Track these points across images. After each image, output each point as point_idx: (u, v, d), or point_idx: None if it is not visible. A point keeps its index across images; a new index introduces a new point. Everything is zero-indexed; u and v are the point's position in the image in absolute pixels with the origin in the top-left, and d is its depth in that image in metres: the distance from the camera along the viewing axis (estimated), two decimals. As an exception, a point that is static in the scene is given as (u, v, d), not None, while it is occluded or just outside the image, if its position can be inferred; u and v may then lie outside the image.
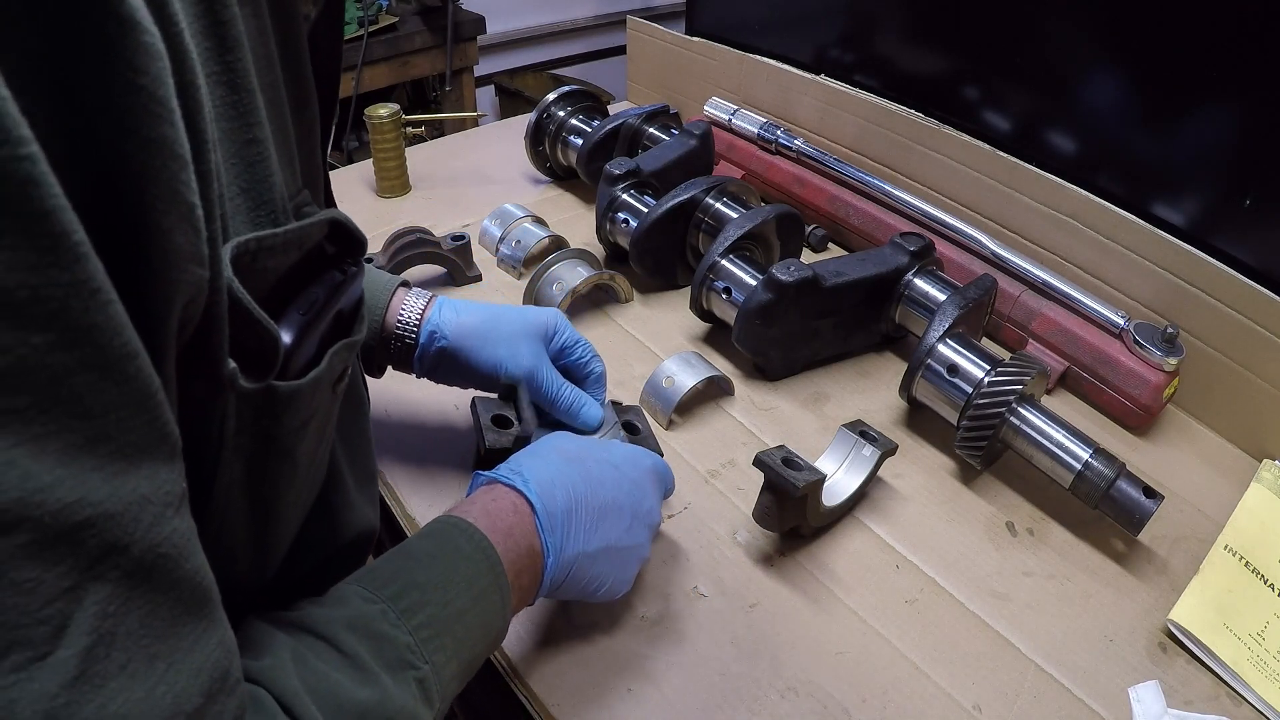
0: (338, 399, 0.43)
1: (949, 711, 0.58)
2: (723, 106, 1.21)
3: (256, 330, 0.33)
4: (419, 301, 0.70)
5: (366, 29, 2.08)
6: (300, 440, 0.39)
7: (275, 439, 0.37)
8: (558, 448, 0.58)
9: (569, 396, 0.71)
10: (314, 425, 0.40)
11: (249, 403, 0.34)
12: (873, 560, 0.69)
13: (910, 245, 0.86)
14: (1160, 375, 0.80)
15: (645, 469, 0.61)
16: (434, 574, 0.46)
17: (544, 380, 0.70)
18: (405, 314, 0.69)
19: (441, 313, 0.70)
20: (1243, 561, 0.69)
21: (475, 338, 0.69)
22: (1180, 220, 0.87)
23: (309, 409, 0.38)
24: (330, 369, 0.38)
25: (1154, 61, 0.87)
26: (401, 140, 1.17)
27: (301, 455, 0.40)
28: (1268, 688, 0.60)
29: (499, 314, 0.71)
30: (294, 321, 0.36)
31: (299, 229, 0.35)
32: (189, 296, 0.28)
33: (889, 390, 0.85)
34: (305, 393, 0.37)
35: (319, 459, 0.44)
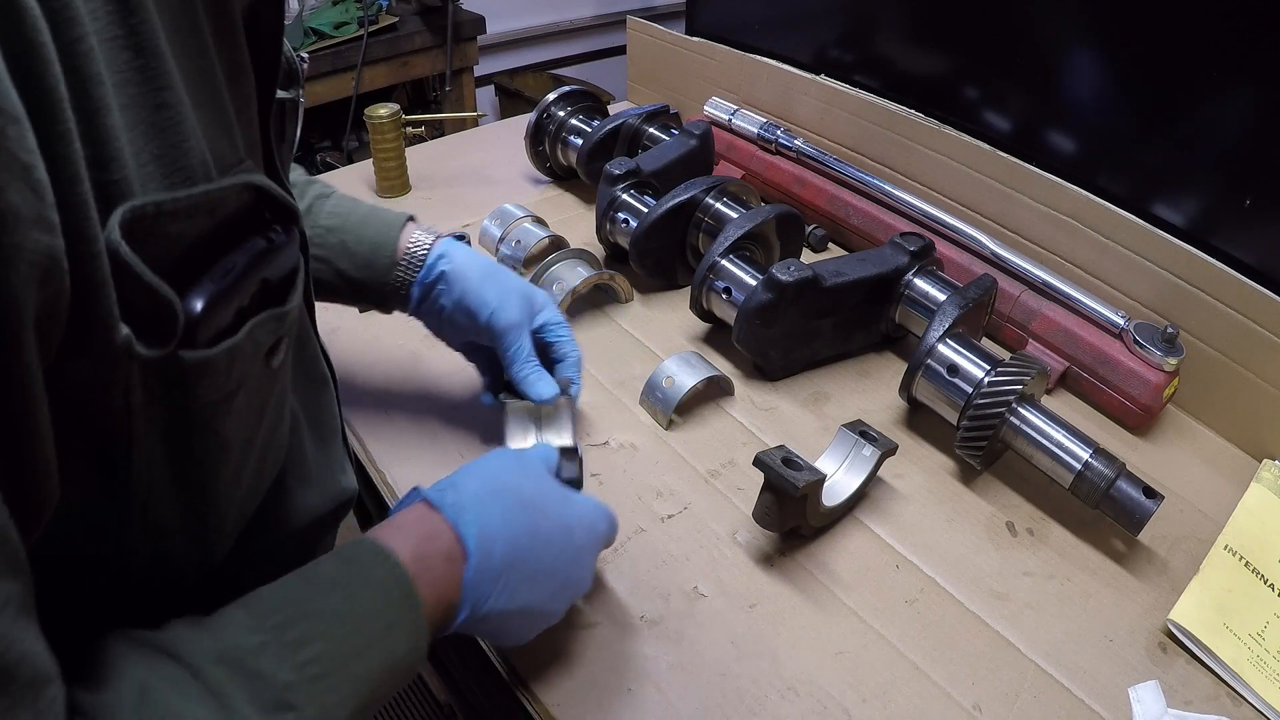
0: (276, 376, 0.40)
1: (949, 711, 0.58)
2: (723, 106, 1.21)
3: (149, 295, 0.31)
4: (429, 237, 0.72)
5: (366, 29, 2.08)
6: (224, 416, 0.37)
7: (192, 413, 0.35)
8: (516, 487, 0.53)
9: (530, 367, 0.70)
10: (242, 401, 0.38)
11: (154, 373, 0.33)
12: (873, 560, 0.69)
13: (910, 245, 0.86)
14: (1160, 375, 0.80)
15: (596, 535, 0.57)
16: (333, 603, 0.41)
17: (519, 339, 0.70)
18: (417, 242, 0.71)
19: (451, 246, 0.72)
20: (1243, 561, 0.69)
21: (475, 276, 0.70)
22: (1180, 220, 0.87)
23: (228, 381, 0.36)
24: (253, 340, 0.36)
25: (1154, 61, 0.87)
26: (401, 140, 1.17)
27: (232, 433, 0.38)
28: (1268, 688, 0.60)
29: (500, 267, 0.73)
30: (205, 289, 0.34)
31: (205, 192, 0.33)
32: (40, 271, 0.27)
33: (889, 390, 0.85)
34: (219, 363, 0.35)
35: (263, 439, 0.42)
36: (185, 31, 0.34)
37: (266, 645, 0.38)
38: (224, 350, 0.35)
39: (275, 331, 0.38)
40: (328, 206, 0.72)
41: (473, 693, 0.77)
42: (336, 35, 2.08)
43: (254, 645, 0.38)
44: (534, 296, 0.73)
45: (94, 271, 0.29)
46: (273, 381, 0.41)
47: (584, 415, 0.82)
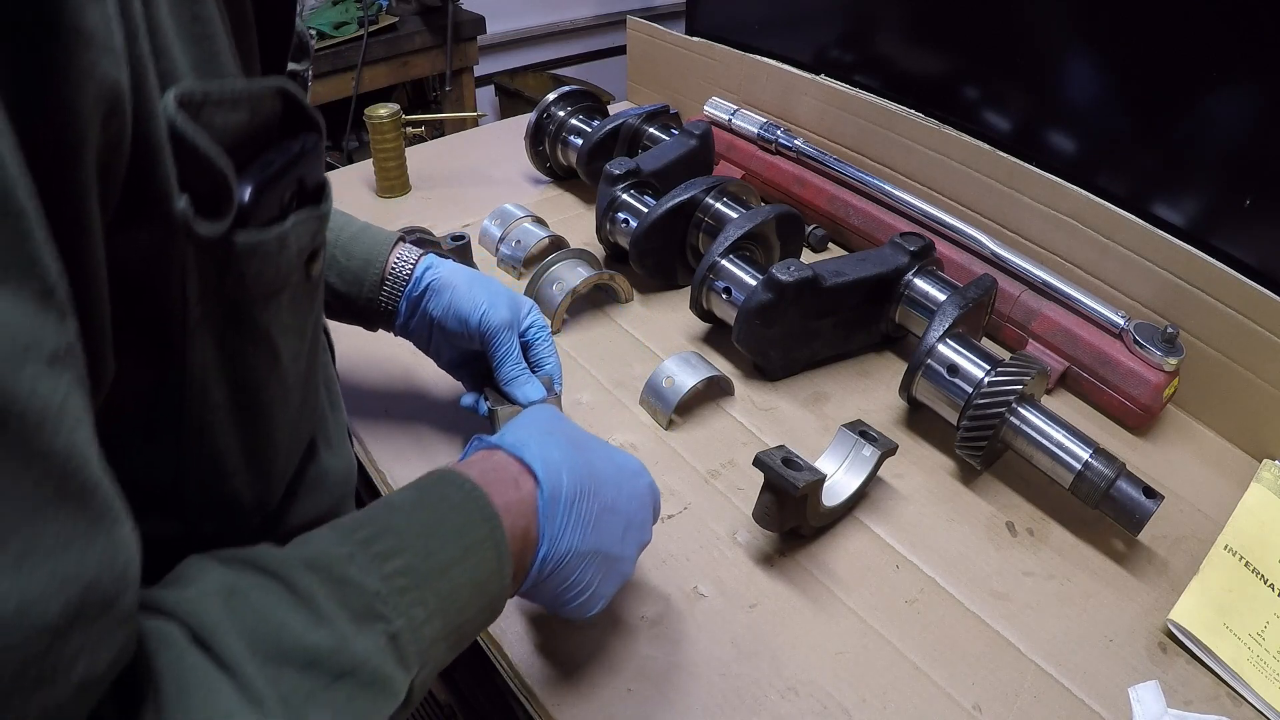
0: (316, 288, 0.41)
1: (949, 711, 0.58)
2: (723, 106, 1.21)
3: (206, 169, 0.31)
4: (414, 253, 0.73)
5: (366, 29, 2.08)
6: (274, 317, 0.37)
7: (246, 312, 0.35)
8: (560, 429, 0.53)
9: (519, 369, 0.71)
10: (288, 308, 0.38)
11: (209, 256, 0.32)
12: (873, 560, 0.69)
13: (910, 245, 0.86)
14: (1160, 375, 0.80)
15: (645, 484, 0.57)
16: (415, 521, 0.41)
17: (508, 340, 0.70)
18: (402, 259, 0.71)
19: (437, 259, 0.73)
20: (1243, 561, 0.69)
21: (463, 283, 0.71)
22: (1180, 220, 0.87)
23: (276, 275, 0.36)
24: (296, 235, 0.36)
25: (1154, 61, 0.87)
26: (401, 140, 1.17)
27: (282, 346, 0.38)
28: (1268, 688, 0.60)
29: (485, 276, 0.74)
30: (252, 177, 0.34)
31: (248, 87, 0.34)
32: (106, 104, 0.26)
33: (889, 390, 0.85)
34: (270, 250, 0.35)
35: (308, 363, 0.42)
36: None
37: (354, 556, 0.37)
38: (274, 237, 0.35)
39: (314, 233, 0.38)
40: None
41: (473, 693, 0.77)
42: (336, 35, 2.08)
43: (343, 555, 0.37)
44: (520, 301, 0.74)
45: (152, 131, 0.29)
46: (314, 294, 0.41)
47: (584, 415, 0.82)
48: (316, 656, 0.34)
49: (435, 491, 0.44)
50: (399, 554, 0.39)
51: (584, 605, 0.52)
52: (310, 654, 0.34)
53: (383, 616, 0.37)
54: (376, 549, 0.38)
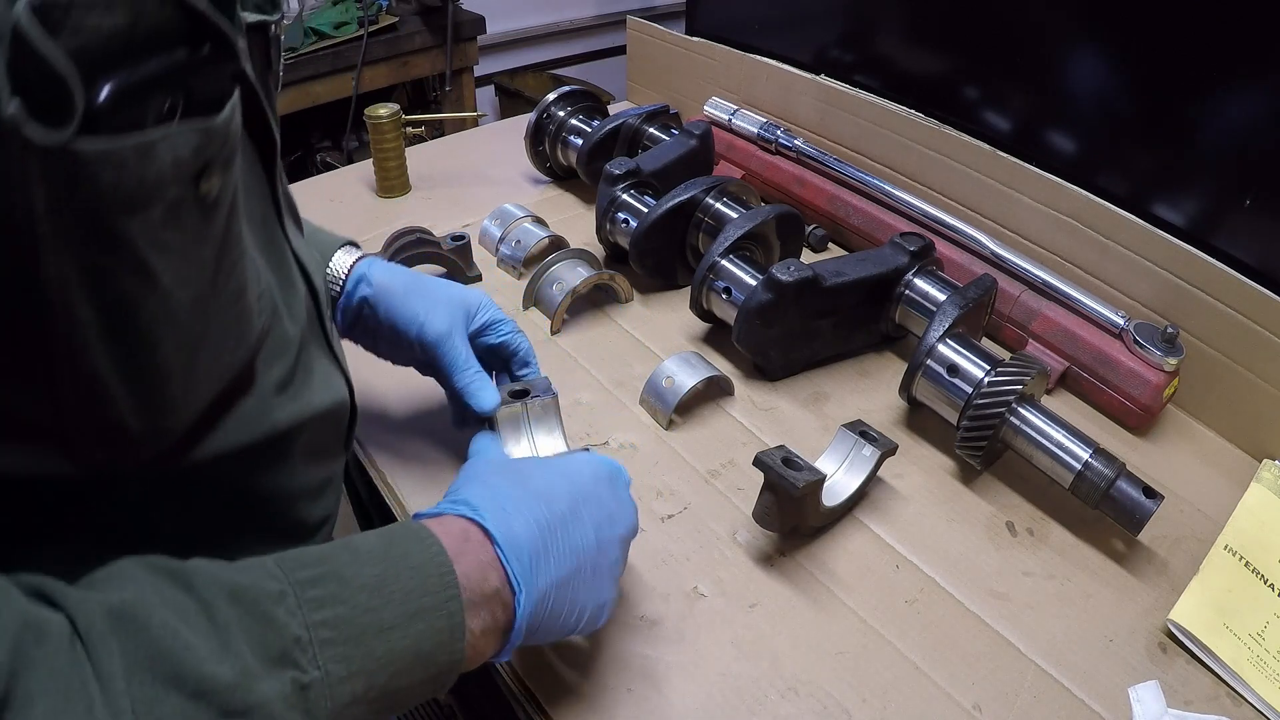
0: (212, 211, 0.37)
1: (949, 711, 0.58)
2: (723, 106, 1.21)
3: (44, 71, 0.29)
4: (350, 257, 0.70)
5: (366, 29, 2.08)
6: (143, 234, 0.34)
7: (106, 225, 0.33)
8: (491, 463, 0.53)
9: (470, 375, 0.68)
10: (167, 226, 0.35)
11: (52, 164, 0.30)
12: (873, 560, 0.69)
13: (910, 245, 0.86)
14: (1160, 375, 0.80)
15: (592, 475, 0.55)
16: (367, 573, 0.40)
17: (452, 349, 0.68)
18: (335, 267, 0.69)
19: (371, 266, 0.70)
20: (1243, 561, 0.69)
21: (399, 293, 0.69)
22: (1180, 220, 0.87)
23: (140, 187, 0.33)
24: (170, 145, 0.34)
25: (1154, 61, 0.87)
26: (401, 140, 1.17)
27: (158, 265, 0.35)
28: (1268, 688, 0.60)
29: (427, 280, 0.71)
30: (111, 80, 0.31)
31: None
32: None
33: (889, 390, 0.85)
34: (126, 158, 0.32)
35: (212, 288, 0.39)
36: None
37: (285, 595, 0.37)
38: (133, 145, 0.32)
39: (199, 147, 0.35)
40: None
41: (473, 693, 0.77)
42: (336, 35, 2.08)
43: (273, 592, 0.37)
44: (467, 300, 0.71)
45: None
46: (210, 215, 0.37)
47: (584, 415, 0.82)
48: (211, 688, 0.33)
49: (400, 546, 0.42)
50: (336, 603, 0.38)
51: (591, 621, 0.52)
52: (204, 684, 0.33)
53: (297, 664, 0.36)
54: (313, 593, 0.38)
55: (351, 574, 0.40)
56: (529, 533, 0.48)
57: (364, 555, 0.41)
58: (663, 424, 0.81)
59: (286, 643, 0.36)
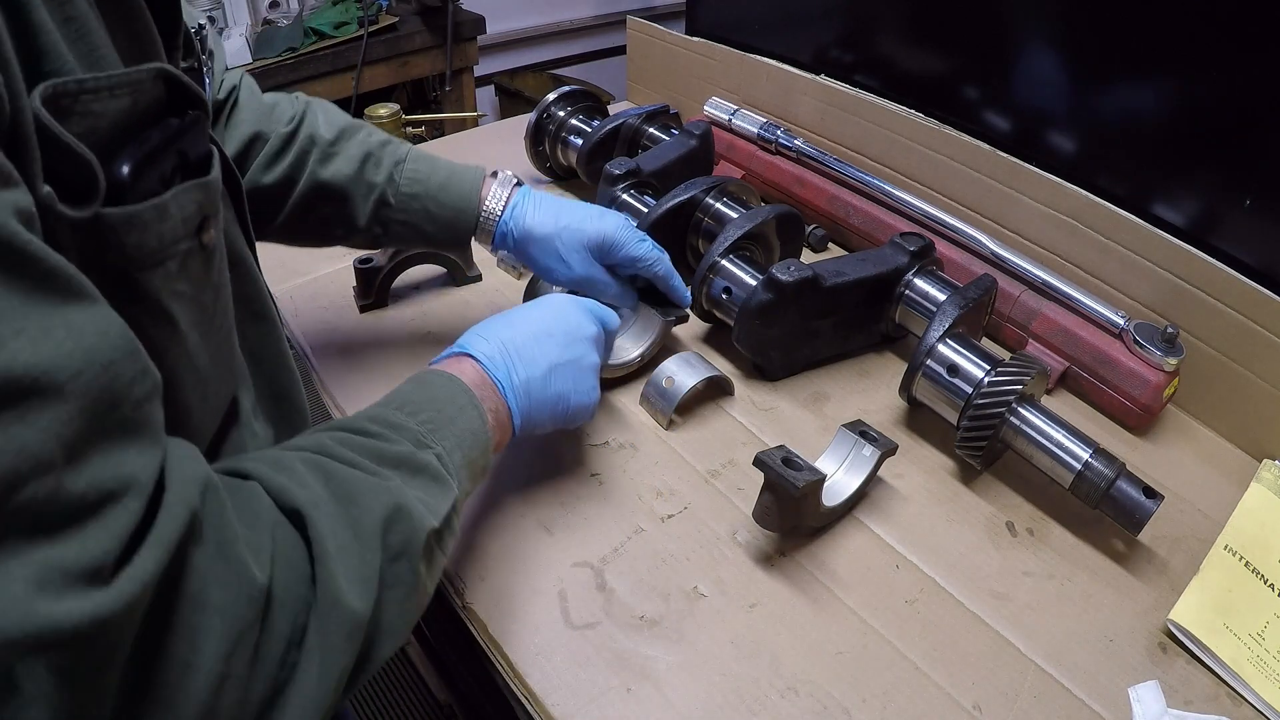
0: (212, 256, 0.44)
1: (949, 711, 0.58)
2: (723, 106, 1.21)
3: (69, 157, 0.34)
4: (504, 191, 0.79)
5: (366, 29, 2.08)
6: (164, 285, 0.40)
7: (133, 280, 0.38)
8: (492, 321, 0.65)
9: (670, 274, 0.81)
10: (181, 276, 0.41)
11: (82, 233, 0.35)
12: (873, 560, 0.69)
13: (910, 245, 0.86)
14: (1160, 375, 0.80)
15: (557, 303, 0.68)
16: (423, 396, 0.55)
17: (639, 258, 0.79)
18: (490, 204, 0.78)
19: (514, 212, 0.78)
20: (1243, 561, 0.69)
21: (536, 248, 0.78)
22: (1180, 220, 0.87)
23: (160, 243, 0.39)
24: (179, 204, 0.40)
25: (1154, 62, 0.87)
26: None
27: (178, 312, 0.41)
28: (1268, 688, 0.60)
29: (562, 228, 0.78)
30: (129, 155, 0.37)
31: (125, 74, 0.37)
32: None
33: (889, 390, 0.85)
34: (148, 221, 0.38)
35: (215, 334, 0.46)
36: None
37: (394, 414, 0.52)
38: (151, 207, 0.38)
39: (200, 203, 0.41)
40: (406, 172, 0.77)
41: (473, 693, 0.77)
42: (336, 35, 2.08)
43: (387, 413, 0.52)
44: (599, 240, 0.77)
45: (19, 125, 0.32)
46: (209, 262, 0.44)
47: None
48: (400, 459, 0.48)
49: (428, 381, 0.57)
50: (422, 410, 0.53)
51: (578, 409, 0.65)
52: (397, 458, 0.48)
53: (427, 444, 0.51)
54: (408, 409, 0.52)
55: (417, 397, 0.54)
56: (499, 347, 0.62)
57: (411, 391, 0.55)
58: (663, 424, 0.81)
59: (414, 433, 0.51)
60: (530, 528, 0.70)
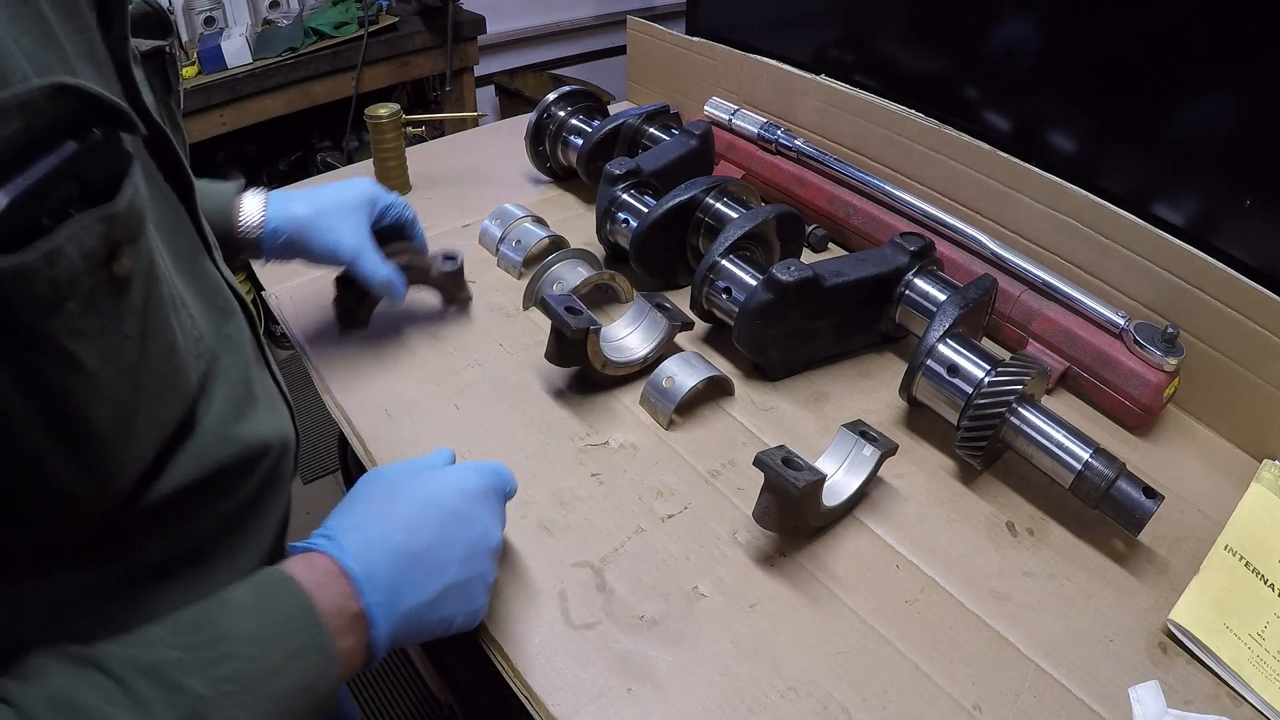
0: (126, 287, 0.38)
1: (949, 711, 0.58)
2: (723, 106, 1.21)
3: None
4: (257, 203, 0.78)
5: (366, 29, 2.08)
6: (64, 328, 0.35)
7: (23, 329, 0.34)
8: (365, 496, 0.56)
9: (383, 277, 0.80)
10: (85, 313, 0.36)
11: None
12: (873, 560, 0.69)
13: (910, 245, 0.86)
14: (1160, 375, 0.80)
15: (469, 491, 0.58)
16: (247, 627, 0.44)
17: (365, 262, 0.79)
18: (246, 217, 0.77)
19: (275, 211, 0.78)
20: (1243, 561, 0.69)
21: (308, 228, 0.78)
22: (1180, 220, 0.87)
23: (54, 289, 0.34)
24: (76, 242, 0.34)
25: (1154, 62, 0.87)
26: (402, 140, 1.17)
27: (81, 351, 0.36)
28: (1268, 688, 0.60)
29: (324, 202, 0.79)
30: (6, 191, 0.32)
31: (14, 95, 0.32)
32: None
33: (889, 390, 0.85)
34: (36, 267, 0.33)
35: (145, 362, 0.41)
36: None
37: (184, 661, 0.41)
38: (40, 255, 0.33)
39: (104, 233, 0.36)
40: None
41: (473, 693, 0.77)
42: (336, 35, 2.08)
43: (174, 660, 0.40)
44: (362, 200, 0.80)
45: None
46: (124, 291, 0.38)
47: (584, 414, 0.82)
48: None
49: (268, 597, 0.46)
50: (228, 660, 0.42)
51: (463, 626, 0.56)
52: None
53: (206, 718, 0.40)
54: (207, 654, 0.42)
55: (234, 629, 0.43)
56: (388, 564, 0.51)
57: (239, 610, 0.45)
58: (663, 424, 0.81)
59: (195, 702, 0.40)
60: (530, 528, 0.70)
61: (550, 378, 0.86)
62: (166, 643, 0.41)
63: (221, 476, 0.50)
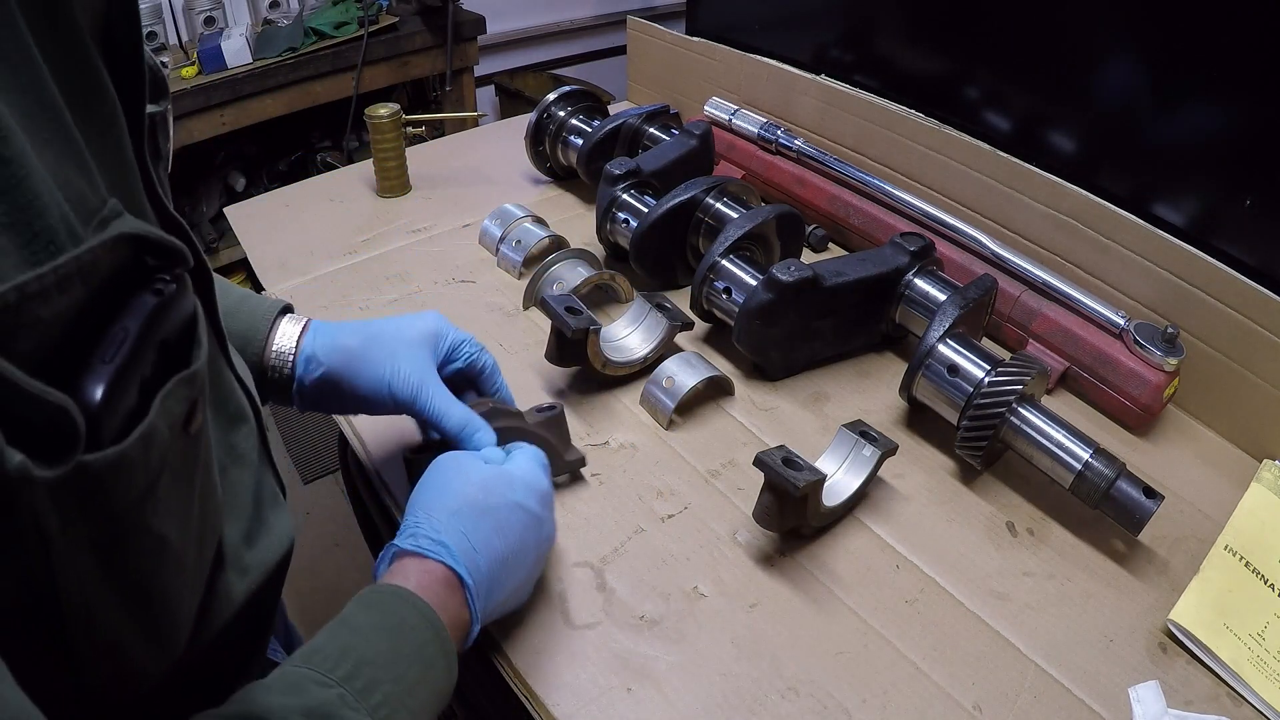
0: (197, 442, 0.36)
1: (949, 711, 0.58)
2: (723, 106, 1.21)
3: (36, 404, 0.26)
4: (295, 328, 0.65)
5: (366, 29, 2.08)
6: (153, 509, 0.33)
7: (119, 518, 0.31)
8: (465, 498, 0.56)
9: (458, 419, 0.64)
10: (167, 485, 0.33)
11: (64, 490, 0.28)
12: (873, 560, 0.69)
13: (910, 245, 0.86)
14: (1160, 375, 0.80)
15: (543, 495, 0.61)
16: (383, 648, 0.46)
17: (428, 402, 0.64)
18: (280, 343, 0.64)
19: (317, 338, 0.65)
20: (1243, 561, 0.69)
21: (356, 360, 0.64)
22: (1180, 220, 0.87)
23: (147, 471, 0.31)
24: (167, 413, 0.32)
25: (1154, 62, 0.87)
26: (402, 140, 1.17)
27: (165, 525, 0.34)
28: (1268, 688, 0.60)
29: (378, 332, 0.66)
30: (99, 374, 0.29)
31: (75, 259, 0.28)
32: None
33: (889, 390, 0.85)
34: (134, 456, 0.30)
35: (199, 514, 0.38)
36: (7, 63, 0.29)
37: (344, 697, 0.42)
38: (138, 438, 0.30)
39: (188, 397, 0.34)
40: None
41: (473, 693, 0.77)
42: (336, 35, 2.08)
43: (333, 698, 0.42)
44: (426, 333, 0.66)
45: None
46: (195, 449, 0.36)
47: (585, 414, 0.82)
48: None
49: (394, 614, 0.48)
50: (379, 686, 0.44)
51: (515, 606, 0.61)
52: None
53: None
54: (359, 685, 0.43)
55: (373, 655, 0.45)
56: (488, 571, 0.55)
57: (369, 632, 0.47)
58: (663, 424, 0.81)
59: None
60: (530, 528, 0.70)
61: (550, 378, 0.86)
62: (317, 682, 0.42)
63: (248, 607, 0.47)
